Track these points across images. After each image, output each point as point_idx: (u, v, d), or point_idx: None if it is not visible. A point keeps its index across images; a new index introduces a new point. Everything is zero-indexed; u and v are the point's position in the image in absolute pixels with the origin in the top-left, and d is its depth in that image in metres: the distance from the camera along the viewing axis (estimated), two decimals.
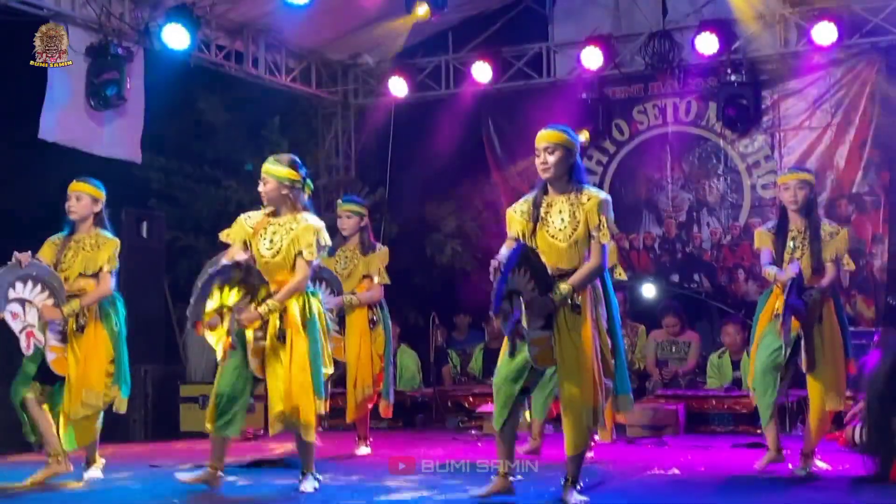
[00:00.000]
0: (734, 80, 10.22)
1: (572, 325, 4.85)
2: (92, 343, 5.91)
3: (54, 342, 5.83)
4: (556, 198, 5.03)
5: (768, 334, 5.99)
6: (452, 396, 9.51)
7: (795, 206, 6.06)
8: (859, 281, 10.14)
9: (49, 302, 5.77)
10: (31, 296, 5.75)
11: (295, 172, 5.49)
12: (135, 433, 8.81)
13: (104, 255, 5.92)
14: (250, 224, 5.49)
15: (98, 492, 5.71)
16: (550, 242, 4.95)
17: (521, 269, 4.76)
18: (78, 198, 5.99)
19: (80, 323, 5.90)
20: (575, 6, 11.26)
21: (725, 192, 10.82)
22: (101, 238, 5.98)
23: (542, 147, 5.02)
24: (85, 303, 5.86)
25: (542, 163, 5.01)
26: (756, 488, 5.67)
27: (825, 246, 5.98)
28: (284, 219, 5.46)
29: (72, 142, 8.96)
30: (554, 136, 5.02)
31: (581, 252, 4.94)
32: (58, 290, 5.80)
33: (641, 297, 10.32)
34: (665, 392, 8.92)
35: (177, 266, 10.36)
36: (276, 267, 5.38)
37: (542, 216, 5.00)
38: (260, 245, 5.42)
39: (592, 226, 4.93)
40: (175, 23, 9.08)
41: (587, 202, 4.96)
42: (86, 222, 6.01)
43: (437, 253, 11.62)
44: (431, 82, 11.55)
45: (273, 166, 5.47)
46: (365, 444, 7.32)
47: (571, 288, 4.82)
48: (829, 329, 5.97)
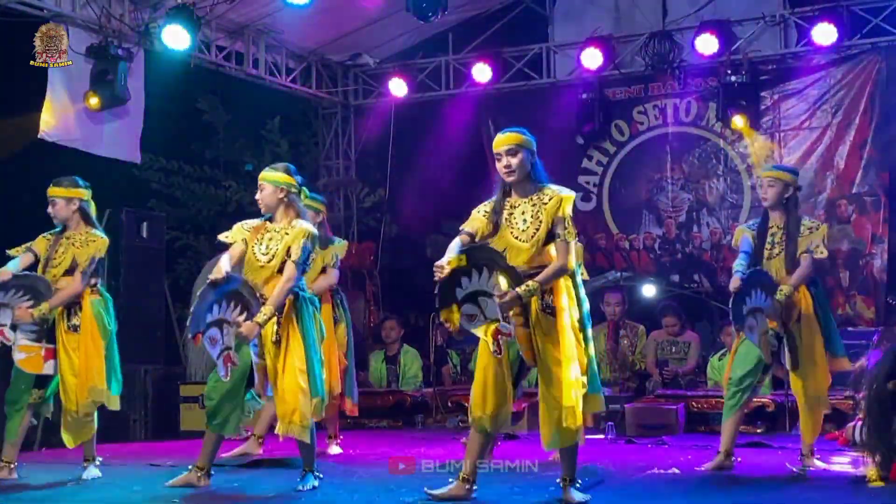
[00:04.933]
0: (734, 80, 10.22)
1: (547, 327, 4.84)
2: (89, 341, 5.96)
3: (25, 341, 5.91)
4: (518, 200, 5.02)
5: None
6: (452, 396, 9.51)
7: (766, 202, 6.12)
8: (859, 281, 10.15)
9: (27, 304, 5.87)
10: (11, 299, 5.87)
11: (290, 178, 5.55)
12: (135, 433, 8.82)
13: (86, 253, 5.98)
14: (248, 228, 5.52)
15: (98, 491, 5.71)
16: (514, 244, 4.93)
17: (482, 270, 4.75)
18: (53, 203, 6.08)
19: (72, 323, 5.97)
20: (575, 7, 11.28)
21: (725, 193, 10.82)
22: (90, 236, 6.05)
23: (503, 150, 4.99)
24: (54, 303, 5.91)
25: (506, 166, 4.98)
26: (756, 488, 5.67)
27: (801, 241, 6.00)
28: (280, 225, 5.51)
29: (72, 142, 8.97)
30: (514, 138, 5.00)
31: (543, 252, 4.91)
32: (43, 294, 5.89)
33: (641, 297, 10.32)
34: (665, 392, 8.92)
35: (177, 266, 10.37)
36: (272, 272, 5.42)
37: (507, 219, 4.99)
38: (256, 251, 5.46)
39: (556, 224, 4.89)
40: (175, 23, 9.09)
41: (549, 202, 4.93)
42: (72, 221, 6.07)
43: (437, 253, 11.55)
44: (431, 82, 11.55)
45: (269, 173, 5.57)
46: (335, 442, 7.31)
47: (538, 284, 4.79)
48: (806, 326, 5.99)
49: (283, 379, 5.34)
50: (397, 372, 10.04)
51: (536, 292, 4.79)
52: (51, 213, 6.07)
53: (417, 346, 10.29)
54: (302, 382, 5.33)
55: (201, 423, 5.74)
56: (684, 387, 9.14)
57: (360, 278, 11.35)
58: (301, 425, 5.33)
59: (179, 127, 10.69)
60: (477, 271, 4.78)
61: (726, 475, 6.00)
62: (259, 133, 11.13)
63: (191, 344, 9.38)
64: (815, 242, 6.01)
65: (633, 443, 7.80)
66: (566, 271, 4.89)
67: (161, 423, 8.92)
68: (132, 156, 9.56)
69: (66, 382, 5.93)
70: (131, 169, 9.74)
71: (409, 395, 9.59)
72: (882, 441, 5.44)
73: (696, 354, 9.52)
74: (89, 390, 5.92)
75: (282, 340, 5.38)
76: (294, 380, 5.33)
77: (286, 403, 5.33)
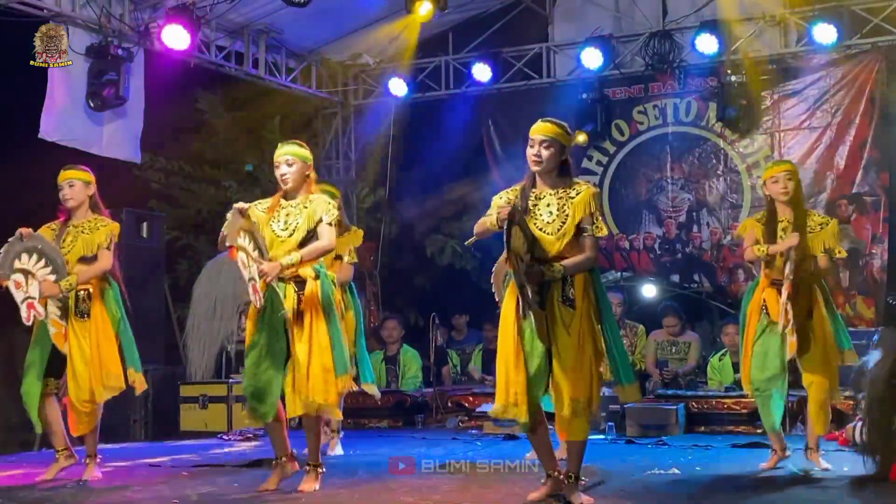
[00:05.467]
0: (734, 80, 10.22)
1: (567, 319, 4.83)
2: (100, 328, 5.95)
3: (55, 317, 5.90)
4: (544, 190, 4.98)
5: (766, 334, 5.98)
6: (452, 396, 9.50)
7: (787, 196, 6.03)
8: (859, 281, 10.15)
9: (51, 277, 5.81)
10: (35, 268, 5.80)
11: (310, 154, 5.57)
12: (135, 433, 8.81)
13: (102, 235, 5.98)
14: (261, 209, 5.49)
15: (98, 492, 5.70)
16: (539, 235, 4.90)
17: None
18: (71, 185, 6.06)
19: (81, 308, 5.94)
20: (575, 7, 11.28)
21: (725, 193, 10.82)
22: (99, 221, 6.06)
23: (537, 139, 4.95)
24: (83, 277, 5.90)
25: (536, 155, 4.94)
26: (756, 488, 5.66)
27: (813, 236, 5.99)
28: (297, 200, 5.48)
29: (72, 142, 8.97)
30: (551, 130, 4.95)
31: (568, 246, 4.89)
32: (60, 267, 5.84)
33: (641, 297, 10.32)
34: (665, 392, 8.92)
35: (177, 266, 10.38)
36: (294, 246, 5.38)
37: (530, 208, 4.95)
38: (275, 228, 5.44)
39: (585, 219, 4.89)
40: (175, 23, 9.08)
41: (577, 197, 4.91)
42: (82, 207, 6.07)
43: (437, 253, 11.63)
44: (431, 82, 11.56)
45: (297, 149, 5.52)
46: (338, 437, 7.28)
47: (564, 268, 4.80)
48: (818, 322, 5.98)
49: (310, 357, 5.32)
50: (397, 372, 10.04)
51: (560, 275, 4.80)
52: (66, 195, 6.01)
53: (417, 346, 10.29)
54: (327, 361, 5.34)
55: (201, 423, 5.74)
56: (684, 387, 9.13)
57: (360, 278, 11.35)
58: (328, 403, 5.35)
59: (179, 127, 10.69)
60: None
61: (726, 476, 6.00)
62: (259, 133, 11.14)
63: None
64: (832, 244, 6.00)
65: (633, 443, 7.79)
66: (593, 265, 4.92)
67: (161, 423, 8.91)
68: (132, 156, 9.55)
69: (76, 369, 5.89)
70: (131, 168, 9.74)
71: (409, 396, 9.59)
72: (882, 441, 5.44)
73: (696, 355, 9.52)
74: (104, 376, 5.90)
75: (305, 317, 5.36)
76: (320, 358, 5.33)
77: (313, 381, 5.31)
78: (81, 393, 5.90)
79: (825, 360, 5.99)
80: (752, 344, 6.06)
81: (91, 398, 5.92)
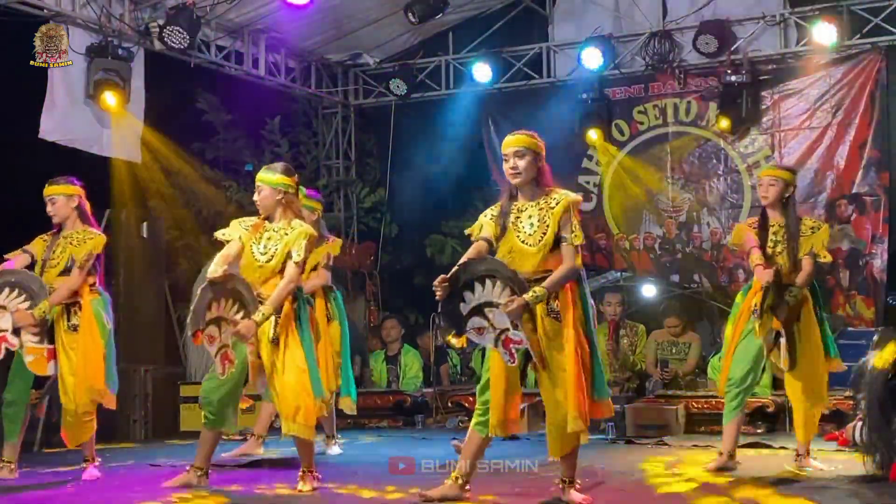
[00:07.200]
0: (734, 80, 10.22)
1: (553, 332, 4.83)
2: (89, 341, 5.95)
3: (31, 344, 5.88)
4: (525, 203, 4.98)
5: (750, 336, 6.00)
6: (452, 396, 9.50)
7: (766, 201, 6.12)
8: (859, 281, 10.15)
9: (24, 306, 5.82)
10: (6, 301, 5.82)
11: (288, 178, 5.54)
12: (135, 433, 8.82)
13: (83, 252, 5.98)
14: (246, 226, 5.51)
15: (98, 491, 5.70)
16: (521, 248, 4.90)
17: (487, 281, 4.73)
18: (52, 201, 6.09)
19: (72, 323, 5.95)
20: (575, 6, 11.28)
21: (725, 192, 10.82)
22: (88, 234, 6.06)
23: (510, 152, 4.96)
24: (54, 301, 5.89)
25: (512, 168, 4.95)
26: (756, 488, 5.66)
27: (803, 241, 6.02)
28: (279, 225, 5.50)
29: (72, 142, 8.97)
30: (522, 140, 4.97)
31: (550, 256, 4.88)
32: (36, 292, 5.85)
33: (641, 297, 10.31)
34: (665, 392, 8.92)
35: (177, 266, 10.36)
36: (271, 272, 5.42)
37: (513, 223, 4.95)
38: (254, 250, 5.46)
39: (563, 228, 4.87)
40: (175, 23, 9.08)
41: (556, 206, 4.90)
42: (69, 220, 6.08)
43: (437, 253, 11.62)
44: (431, 82, 11.56)
45: (266, 174, 5.54)
46: (334, 442, 7.29)
47: (545, 290, 4.77)
48: (806, 327, 6.00)
49: (285, 378, 5.33)
50: (398, 372, 10.04)
51: (543, 298, 4.77)
52: (50, 211, 6.07)
53: (417, 346, 10.29)
54: (304, 381, 5.34)
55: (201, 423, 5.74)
56: (684, 387, 9.13)
57: (360, 278, 11.35)
58: (306, 424, 5.35)
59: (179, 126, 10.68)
60: (480, 283, 4.75)
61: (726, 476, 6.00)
62: (259, 133, 11.13)
63: (191, 344, 9.38)
64: (818, 248, 6.03)
65: (633, 443, 7.79)
66: (574, 276, 4.88)
67: (161, 423, 8.91)
68: (132, 155, 9.55)
69: (66, 382, 5.92)
70: (131, 168, 9.73)
71: (409, 396, 9.59)
72: (882, 441, 5.44)
73: (697, 355, 9.51)
74: (87, 390, 5.91)
75: (280, 340, 5.37)
76: (296, 378, 5.33)
77: (289, 402, 5.32)
78: (71, 405, 5.91)
79: (812, 369, 6.02)
80: (736, 344, 6.10)
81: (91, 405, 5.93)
